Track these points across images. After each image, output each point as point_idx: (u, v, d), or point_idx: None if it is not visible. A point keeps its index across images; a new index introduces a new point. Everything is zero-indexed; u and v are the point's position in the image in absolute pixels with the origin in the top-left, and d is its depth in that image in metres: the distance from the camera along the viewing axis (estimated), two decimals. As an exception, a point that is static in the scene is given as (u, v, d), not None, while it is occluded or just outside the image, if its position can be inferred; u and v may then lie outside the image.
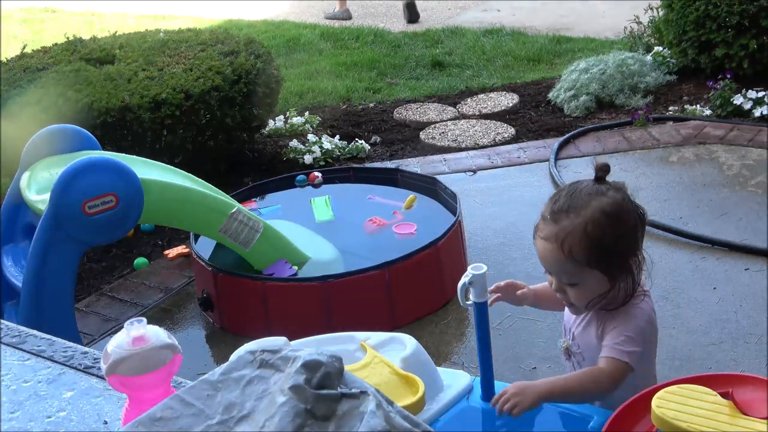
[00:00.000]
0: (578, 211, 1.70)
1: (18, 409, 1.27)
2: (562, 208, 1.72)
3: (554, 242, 1.71)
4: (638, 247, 1.76)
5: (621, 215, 1.71)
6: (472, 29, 7.33)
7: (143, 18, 8.89)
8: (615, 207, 1.71)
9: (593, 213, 1.69)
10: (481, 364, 1.82)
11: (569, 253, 1.69)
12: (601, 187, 1.74)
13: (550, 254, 1.73)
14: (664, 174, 4.21)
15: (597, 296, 1.74)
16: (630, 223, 1.74)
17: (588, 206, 1.70)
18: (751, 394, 1.39)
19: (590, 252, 1.69)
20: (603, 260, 1.70)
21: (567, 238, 1.69)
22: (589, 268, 1.71)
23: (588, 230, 1.68)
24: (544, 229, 1.74)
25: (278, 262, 3.28)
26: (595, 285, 1.73)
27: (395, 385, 1.68)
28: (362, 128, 5.24)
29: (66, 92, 3.99)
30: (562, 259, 1.71)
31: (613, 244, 1.70)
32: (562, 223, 1.70)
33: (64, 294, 2.81)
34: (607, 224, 1.69)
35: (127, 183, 2.81)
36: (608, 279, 1.72)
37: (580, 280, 1.73)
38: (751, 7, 4.87)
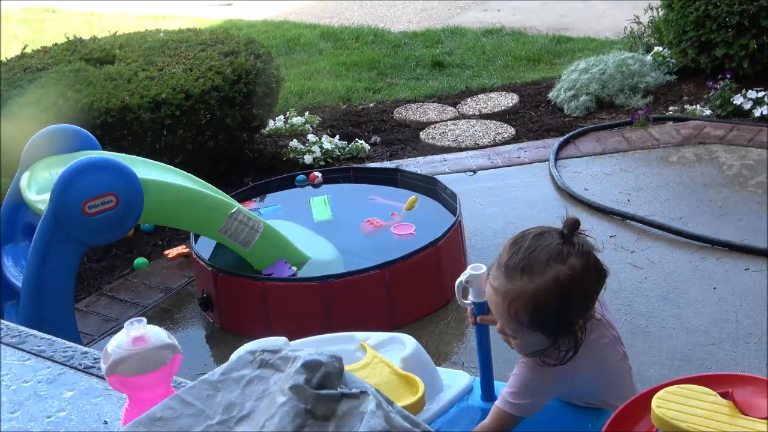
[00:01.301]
0: (532, 276, 1.61)
1: (18, 409, 1.27)
2: (517, 266, 1.62)
3: (501, 298, 1.64)
4: (588, 311, 1.69)
5: (575, 286, 1.62)
6: (472, 29, 7.33)
7: (143, 18, 8.89)
8: (570, 279, 1.61)
9: (547, 282, 1.60)
10: (481, 364, 1.82)
11: (514, 314, 1.63)
12: (564, 249, 1.63)
13: (494, 306, 1.68)
14: (664, 174, 4.21)
15: (535, 351, 1.69)
16: (583, 293, 1.65)
17: (543, 273, 1.60)
18: (751, 394, 1.39)
19: (533, 317, 1.63)
20: (546, 325, 1.64)
21: (514, 301, 1.62)
22: (530, 330, 1.65)
23: (537, 298, 1.61)
24: (496, 278, 1.66)
25: (278, 262, 3.28)
26: (534, 342, 1.68)
27: (395, 385, 1.68)
28: (362, 128, 5.24)
29: (66, 92, 3.99)
30: (505, 315, 1.65)
31: (561, 313, 1.63)
32: (515, 283, 1.62)
33: (64, 294, 2.81)
34: (558, 295, 1.61)
35: (127, 183, 2.81)
36: (548, 339, 1.67)
37: (521, 336, 1.68)
38: (751, 7, 4.87)
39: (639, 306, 3.15)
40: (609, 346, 1.75)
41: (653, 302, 3.17)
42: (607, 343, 1.75)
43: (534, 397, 1.71)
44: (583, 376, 1.72)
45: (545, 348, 1.68)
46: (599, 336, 1.73)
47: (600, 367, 1.74)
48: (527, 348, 1.69)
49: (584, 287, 1.64)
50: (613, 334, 1.77)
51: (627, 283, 3.30)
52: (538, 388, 1.71)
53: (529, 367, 1.71)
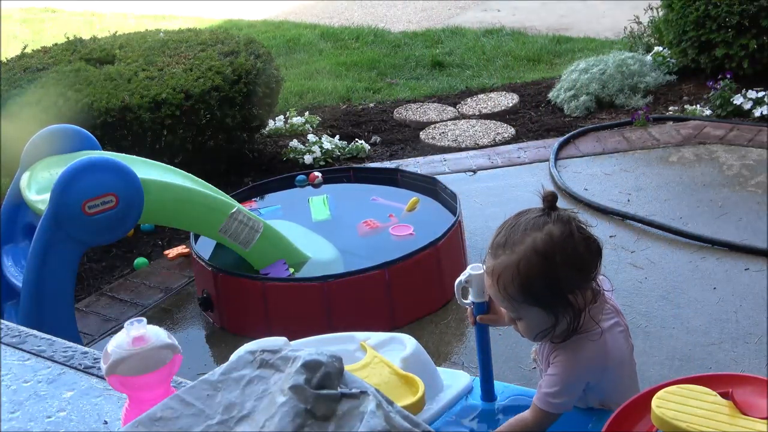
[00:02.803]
0: (513, 247, 1.64)
1: (18, 409, 1.27)
2: (500, 242, 1.67)
3: (492, 278, 1.67)
4: (581, 284, 1.68)
5: (555, 254, 1.63)
6: (472, 29, 7.33)
7: (143, 18, 8.89)
8: (547, 245, 1.63)
9: (525, 251, 1.63)
10: (481, 364, 1.83)
11: (504, 291, 1.65)
12: (541, 220, 1.66)
13: (489, 289, 1.70)
14: (664, 174, 4.21)
15: (542, 330, 1.70)
16: (568, 261, 1.65)
17: (522, 243, 1.64)
18: (751, 394, 1.39)
19: (523, 289, 1.64)
20: (538, 298, 1.65)
21: (501, 276, 1.65)
22: (527, 305, 1.66)
23: (520, 268, 1.63)
24: (488, 261, 1.70)
25: (276, 262, 3.28)
26: (537, 320, 1.68)
27: (395, 385, 1.68)
28: (362, 128, 5.24)
29: (66, 92, 3.99)
30: (498, 295, 1.68)
31: (546, 282, 1.63)
32: (499, 259, 1.66)
33: (64, 294, 2.81)
34: (538, 263, 1.62)
35: (127, 183, 2.81)
36: (547, 314, 1.67)
37: (523, 315, 1.69)
38: (751, 7, 4.87)
39: (639, 306, 3.15)
40: (623, 334, 1.77)
41: (653, 302, 3.17)
42: (621, 331, 1.75)
43: (572, 394, 1.72)
44: (611, 367, 1.73)
45: (549, 327, 1.68)
46: (615, 324, 1.74)
47: (621, 356, 1.75)
48: (533, 329, 1.70)
49: (568, 254, 1.64)
50: (625, 323, 1.78)
51: (627, 283, 3.30)
52: (575, 384, 1.72)
53: (565, 366, 1.70)
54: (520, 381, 2.65)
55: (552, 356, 1.73)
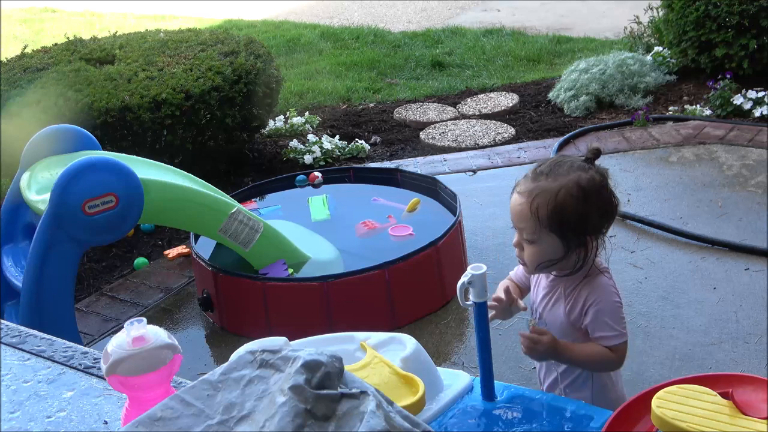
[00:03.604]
0: (557, 177, 1.80)
1: (18, 409, 1.27)
2: (544, 171, 1.82)
3: (526, 197, 1.80)
4: (600, 231, 1.84)
5: (593, 194, 1.80)
6: (472, 29, 7.33)
7: (143, 18, 8.90)
8: (590, 185, 1.80)
9: (569, 182, 1.78)
10: (481, 364, 1.82)
11: (535, 210, 1.78)
12: (585, 165, 1.85)
13: (518, 206, 1.82)
14: (664, 174, 4.21)
15: (548, 260, 1.83)
16: (599, 205, 1.81)
17: (567, 176, 1.80)
18: (751, 394, 1.39)
19: (553, 216, 1.77)
20: (562, 227, 1.78)
21: (538, 197, 1.79)
22: (548, 231, 1.79)
23: (559, 195, 1.77)
24: (522, 185, 1.84)
25: (276, 262, 3.28)
26: (549, 248, 1.81)
27: (395, 385, 1.68)
28: (362, 128, 5.24)
29: (66, 92, 3.99)
30: (527, 214, 1.79)
31: (576, 216, 1.78)
32: (539, 183, 1.80)
33: (64, 294, 2.81)
34: (578, 197, 1.78)
35: (127, 183, 2.81)
36: (562, 247, 1.81)
37: (538, 240, 1.81)
38: (751, 7, 4.87)
39: (639, 306, 3.15)
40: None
41: (653, 302, 3.17)
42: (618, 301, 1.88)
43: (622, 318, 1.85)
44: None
45: (557, 259, 1.82)
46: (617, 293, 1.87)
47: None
48: (541, 256, 1.82)
49: (602, 201, 1.81)
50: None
51: (627, 283, 3.30)
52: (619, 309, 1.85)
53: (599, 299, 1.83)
54: (520, 381, 2.65)
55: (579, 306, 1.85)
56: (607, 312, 1.83)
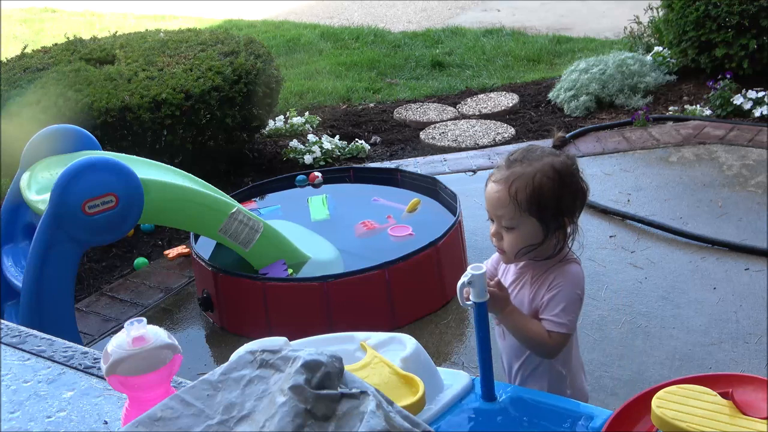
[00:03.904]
0: (531, 162, 1.85)
1: (18, 409, 1.27)
2: (518, 158, 1.87)
3: (503, 184, 1.85)
4: (574, 215, 1.90)
5: (567, 176, 1.86)
6: (472, 29, 7.33)
7: (143, 18, 8.90)
8: (564, 167, 1.86)
9: (544, 166, 1.84)
10: (481, 364, 1.82)
11: (514, 195, 1.83)
12: (556, 150, 1.93)
13: (496, 195, 1.86)
14: (664, 174, 4.21)
15: (527, 245, 1.87)
16: (572, 187, 1.88)
17: (541, 160, 1.85)
18: (751, 394, 1.39)
19: (532, 199, 1.82)
20: (541, 210, 1.83)
21: (515, 182, 1.83)
22: (528, 215, 1.84)
23: (536, 179, 1.83)
24: (497, 173, 1.88)
25: (276, 262, 3.28)
26: (529, 233, 1.86)
27: (395, 385, 1.68)
28: (362, 128, 5.24)
29: (66, 92, 3.99)
30: (506, 200, 1.84)
31: (554, 198, 1.84)
32: (514, 169, 1.85)
33: (64, 294, 2.81)
34: (554, 179, 1.83)
35: (127, 183, 2.81)
36: (542, 230, 1.85)
37: (518, 225, 1.85)
38: (751, 7, 4.87)
39: (639, 306, 3.15)
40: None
41: (653, 302, 3.17)
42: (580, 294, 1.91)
43: (576, 311, 1.88)
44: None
45: (537, 244, 1.86)
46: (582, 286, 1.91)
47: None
48: (521, 242, 1.86)
49: (575, 182, 1.88)
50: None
51: (627, 283, 3.30)
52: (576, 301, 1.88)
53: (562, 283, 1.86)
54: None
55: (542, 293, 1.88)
56: (564, 298, 1.86)
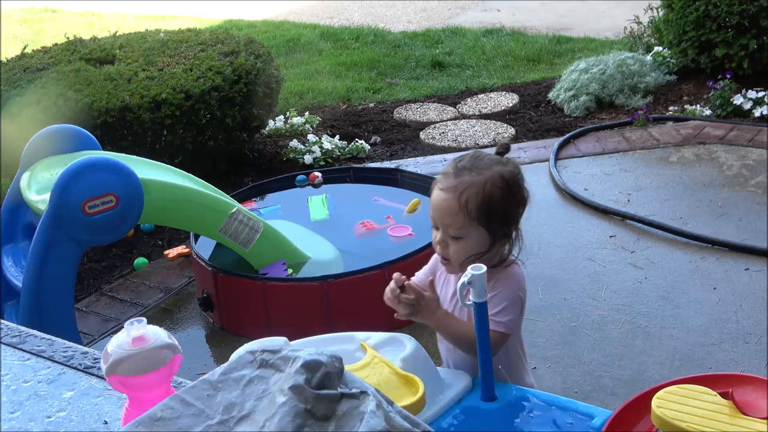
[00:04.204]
0: (480, 170, 1.86)
1: (18, 409, 1.27)
2: (466, 166, 1.87)
3: (452, 193, 1.83)
4: (518, 222, 1.93)
5: (514, 185, 1.89)
6: (472, 29, 7.33)
7: (143, 18, 8.90)
8: (512, 177, 1.89)
9: (493, 175, 1.85)
10: (481, 364, 1.82)
11: (465, 204, 1.82)
12: (503, 159, 1.94)
13: (444, 203, 1.84)
14: (664, 174, 4.21)
15: (475, 254, 1.85)
16: (518, 196, 1.91)
17: (490, 169, 1.87)
18: (751, 394, 1.39)
19: (482, 207, 1.82)
20: (490, 219, 1.84)
21: (465, 191, 1.82)
22: (476, 224, 1.83)
23: (486, 188, 1.83)
24: (445, 181, 1.86)
25: (275, 262, 3.28)
26: (476, 242, 1.85)
27: (395, 385, 1.68)
28: (362, 128, 5.24)
29: (66, 92, 3.99)
30: (455, 209, 1.82)
31: (503, 206, 1.85)
32: (463, 177, 1.84)
33: (64, 294, 2.81)
34: (502, 188, 1.85)
35: (127, 183, 2.81)
36: (489, 239, 1.86)
37: (466, 234, 1.84)
38: (751, 7, 4.87)
39: (639, 306, 3.15)
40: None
41: (653, 302, 3.17)
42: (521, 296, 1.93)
43: (517, 311, 1.90)
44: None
45: (483, 252, 1.85)
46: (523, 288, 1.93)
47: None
48: (468, 251, 1.85)
49: (520, 193, 1.91)
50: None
51: (627, 283, 3.30)
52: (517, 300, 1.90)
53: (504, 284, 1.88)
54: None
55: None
56: (504, 298, 1.87)
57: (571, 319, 3.10)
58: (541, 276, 3.39)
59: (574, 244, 3.62)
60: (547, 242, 3.64)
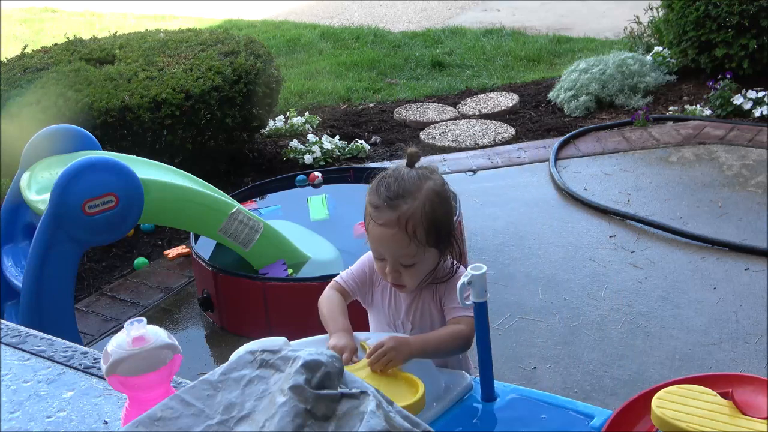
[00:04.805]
0: (413, 194, 1.79)
1: (18, 409, 1.27)
2: (398, 193, 1.79)
3: (396, 226, 1.77)
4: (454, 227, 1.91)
5: (446, 194, 1.85)
6: (472, 29, 7.33)
7: (143, 18, 8.90)
8: (442, 188, 1.84)
9: (428, 194, 1.80)
10: (481, 364, 1.82)
11: (413, 234, 1.77)
12: (420, 171, 1.85)
13: (392, 239, 1.78)
14: (664, 174, 4.21)
15: (429, 272, 1.85)
16: (451, 203, 1.88)
17: (421, 189, 1.80)
18: (751, 394, 1.39)
19: (430, 231, 1.79)
20: (439, 237, 1.82)
21: (410, 221, 1.77)
22: (428, 247, 1.81)
23: (426, 210, 1.78)
24: (381, 216, 1.79)
25: (275, 262, 3.28)
26: (430, 262, 1.84)
27: (395, 385, 1.68)
28: (362, 128, 5.24)
29: (66, 92, 3.99)
30: (405, 241, 1.78)
31: (445, 220, 1.84)
32: (402, 208, 1.77)
33: (64, 294, 2.81)
34: (440, 203, 1.81)
35: (127, 183, 2.81)
36: (439, 255, 1.85)
37: (419, 260, 1.81)
38: (751, 7, 4.87)
39: (639, 306, 3.15)
40: None
41: (653, 302, 3.17)
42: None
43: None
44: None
45: (434, 268, 1.86)
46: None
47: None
48: (422, 273, 1.84)
49: (450, 196, 1.88)
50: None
51: (627, 283, 3.30)
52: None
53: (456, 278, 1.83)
54: (520, 381, 2.65)
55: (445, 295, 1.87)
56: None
57: (571, 319, 3.10)
58: (541, 276, 3.39)
59: (574, 244, 3.62)
60: (547, 242, 3.64)
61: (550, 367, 2.84)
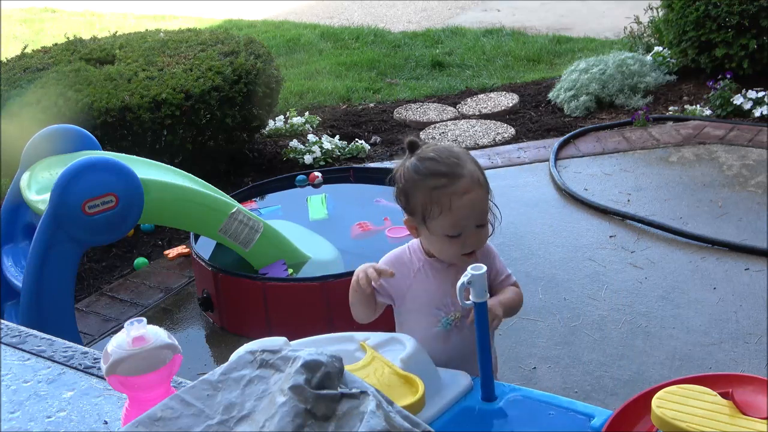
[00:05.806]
0: (461, 156, 1.87)
1: (18, 409, 1.27)
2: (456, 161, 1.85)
3: (479, 186, 1.86)
4: None
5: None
6: (472, 29, 7.33)
7: (143, 18, 8.90)
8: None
9: (468, 154, 1.90)
10: (481, 364, 1.82)
11: (485, 183, 1.89)
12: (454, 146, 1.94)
13: (479, 199, 1.86)
14: (664, 174, 4.21)
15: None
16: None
17: (463, 153, 1.89)
18: (751, 394, 1.39)
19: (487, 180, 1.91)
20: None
21: (480, 176, 1.87)
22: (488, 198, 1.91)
23: (482, 181, 1.89)
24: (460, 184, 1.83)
25: (275, 262, 3.28)
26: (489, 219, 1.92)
27: (395, 385, 1.68)
28: (362, 128, 5.24)
29: (66, 92, 3.99)
30: (486, 196, 1.89)
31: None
32: (467, 169, 1.85)
33: (64, 294, 2.81)
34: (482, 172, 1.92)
35: (127, 183, 2.81)
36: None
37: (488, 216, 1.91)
38: (751, 7, 4.87)
39: (639, 306, 3.15)
40: None
41: (653, 302, 3.17)
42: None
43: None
44: None
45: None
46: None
47: None
48: (489, 230, 1.93)
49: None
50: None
51: (627, 283, 3.30)
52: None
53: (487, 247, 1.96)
54: (520, 381, 2.65)
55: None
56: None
57: (571, 319, 3.10)
58: (541, 276, 3.39)
59: (574, 244, 3.62)
60: (547, 242, 3.64)
61: (550, 367, 2.84)
